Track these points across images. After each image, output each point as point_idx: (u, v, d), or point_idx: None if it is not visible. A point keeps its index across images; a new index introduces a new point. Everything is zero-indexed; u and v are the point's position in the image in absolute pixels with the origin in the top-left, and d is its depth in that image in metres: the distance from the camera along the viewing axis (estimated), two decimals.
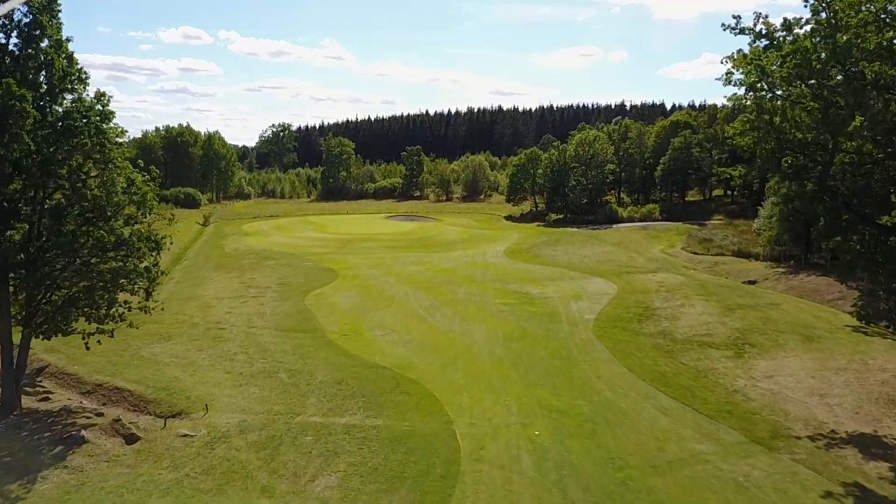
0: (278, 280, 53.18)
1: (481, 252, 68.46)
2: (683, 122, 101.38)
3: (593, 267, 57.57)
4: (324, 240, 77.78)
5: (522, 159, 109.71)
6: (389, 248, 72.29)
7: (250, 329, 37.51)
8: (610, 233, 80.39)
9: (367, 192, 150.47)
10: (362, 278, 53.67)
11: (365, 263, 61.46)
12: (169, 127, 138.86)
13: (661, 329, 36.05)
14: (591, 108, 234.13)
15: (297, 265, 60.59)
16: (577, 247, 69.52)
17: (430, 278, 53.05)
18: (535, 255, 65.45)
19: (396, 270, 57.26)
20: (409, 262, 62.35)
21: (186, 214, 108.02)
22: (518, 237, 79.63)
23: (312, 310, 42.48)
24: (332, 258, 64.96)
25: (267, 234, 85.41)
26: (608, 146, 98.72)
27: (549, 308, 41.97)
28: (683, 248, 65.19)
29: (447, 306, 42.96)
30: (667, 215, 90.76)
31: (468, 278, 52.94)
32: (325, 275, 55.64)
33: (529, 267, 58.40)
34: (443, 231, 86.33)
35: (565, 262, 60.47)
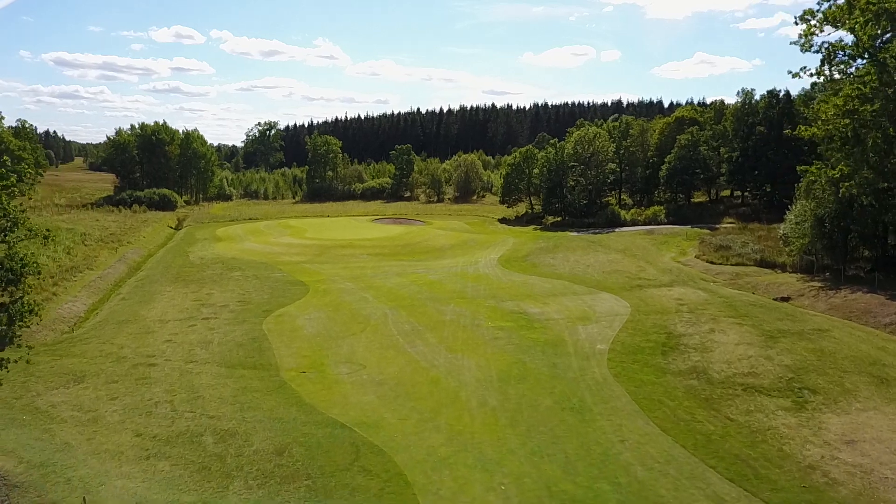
0: (239, 296, 46.24)
1: (473, 260, 61.65)
2: (689, 119, 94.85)
3: (599, 279, 50.84)
4: (300, 246, 70.80)
5: (517, 158, 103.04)
6: (372, 257, 65.39)
7: (188, 365, 30.55)
8: (613, 238, 73.71)
9: (355, 193, 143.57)
10: (336, 293, 46.79)
11: (342, 275, 54.56)
12: (144, 124, 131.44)
13: (691, 365, 29.30)
14: (586, 106, 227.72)
15: (265, 277, 53.64)
16: (578, 254, 62.82)
17: (413, 294, 46.21)
18: (532, 265, 58.69)
19: (376, 284, 50.39)
20: (391, 272, 55.49)
21: (159, 217, 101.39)
22: (513, 243, 72.88)
23: (270, 336, 35.56)
24: (306, 268, 58.01)
25: (240, 240, 78.35)
26: (609, 144, 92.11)
27: (552, 334, 35.19)
28: (698, 257, 58.54)
29: (431, 331, 36.11)
30: (673, 218, 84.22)
31: (457, 294, 46.12)
32: (293, 289, 48.74)
33: (527, 279, 51.62)
34: (432, 236, 79.51)
35: (567, 273, 53.73)
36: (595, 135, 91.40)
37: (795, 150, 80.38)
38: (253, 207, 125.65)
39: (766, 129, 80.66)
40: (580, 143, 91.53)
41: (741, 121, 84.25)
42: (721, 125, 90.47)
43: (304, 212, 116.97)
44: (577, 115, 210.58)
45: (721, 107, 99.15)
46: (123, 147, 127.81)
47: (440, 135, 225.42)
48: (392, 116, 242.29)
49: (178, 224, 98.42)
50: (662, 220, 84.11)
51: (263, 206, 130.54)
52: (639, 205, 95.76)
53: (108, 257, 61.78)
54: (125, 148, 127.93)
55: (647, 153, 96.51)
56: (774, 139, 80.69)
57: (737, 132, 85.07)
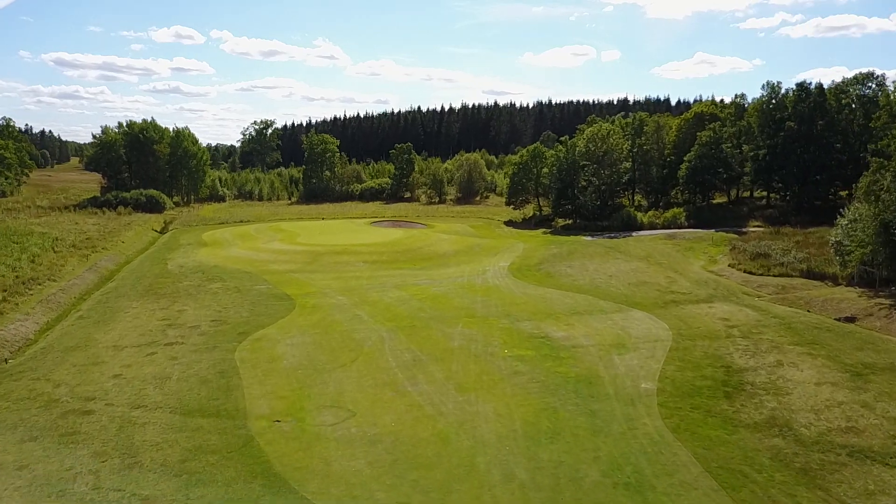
0: (214, 314, 40.12)
1: (480, 269, 55.51)
2: (709, 115, 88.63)
3: (626, 293, 44.67)
4: (290, 253, 64.63)
5: (525, 157, 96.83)
6: (368, 265, 59.23)
7: (133, 412, 24.42)
8: (631, 243, 67.57)
9: (353, 194, 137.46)
10: (325, 311, 40.64)
11: (334, 287, 48.44)
12: (132, 122, 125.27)
13: (768, 415, 23.16)
14: (591, 104, 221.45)
15: (248, 290, 47.53)
16: (596, 262, 56.67)
17: (414, 311, 40.05)
18: (547, 274, 52.54)
19: (372, 298, 44.25)
20: (390, 284, 49.36)
21: (144, 220, 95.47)
22: (523, 248, 66.71)
23: (242, 369, 29.43)
24: (295, 279, 51.90)
25: (226, 245, 72.23)
26: (623, 142, 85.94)
27: (583, 367, 29.06)
28: (732, 266, 52.36)
29: (436, 362, 29.98)
30: (694, 221, 78.03)
31: (465, 311, 39.97)
32: (278, 305, 42.62)
33: (543, 292, 45.45)
34: (434, 240, 73.35)
35: (588, 285, 47.56)
36: (609, 132, 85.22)
37: (827, 147, 74.40)
38: (246, 209, 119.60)
39: (797, 124, 74.48)
40: (592, 141, 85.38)
41: (768, 116, 78.06)
42: (744, 121, 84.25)
43: (300, 214, 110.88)
44: (582, 114, 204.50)
45: (741, 101, 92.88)
46: (110, 146, 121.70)
47: (441, 134, 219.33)
48: (392, 115, 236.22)
49: (163, 227, 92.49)
50: (683, 224, 77.96)
51: (257, 207, 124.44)
52: (654, 206, 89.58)
53: (77, 266, 55.68)
54: (112, 147, 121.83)
55: (663, 151, 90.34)
56: (804, 136, 74.55)
57: (762, 128, 78.90)
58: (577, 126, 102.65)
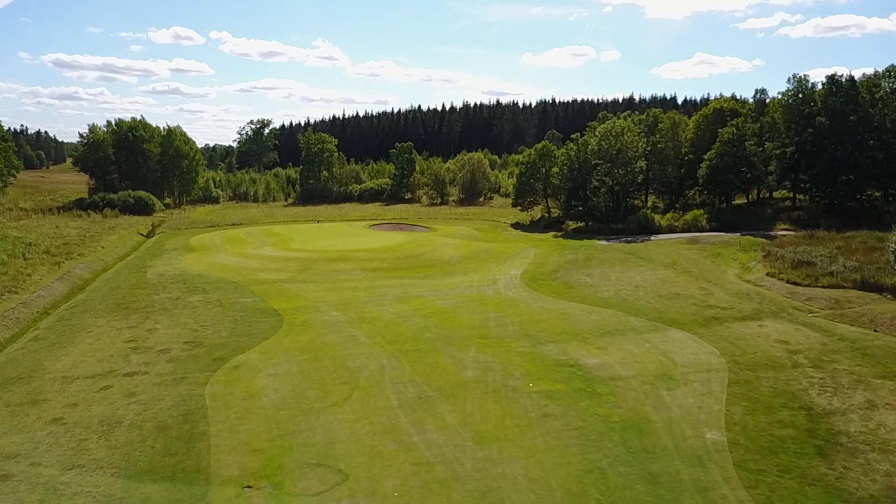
0: (189, 334, 34.88)
1: (490, 278, 50.25)
2: (730, 110, 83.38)
3: (659, 307, 39.38)
4: (282, 260, 59.34)
5: (532, 155, 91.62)
6: (367, 273, 53.97)
7: (65, 475, 19.18)
8: (652, 248, 62.32)
9: (352, 195, 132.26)
10: (317, 329, 35.38)
11: (327, 300, 43.19)
12: (120, 120, 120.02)
13: (885, 484, 17.90)
14: (596, 103, 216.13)
15: (231, 304, 42.29)
16: (618, 270, 51.44)
17: (419, 330, 34.79)
18: (565, 284, 47.25)
19: (371, 314, 38.98)
20: (390, 296, 44.11)
21: (131, 223, 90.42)
22: (535, 254, 61.42)
23: (212, 410, 24.19)
24: (285, 290, 46.67)
25: (215, 251, 67.01)
26: (639, 139, 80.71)
27: (627, 406, 23.79)
28: (771, 275, 47.08)
29: (447, 400, 24.72)
30: (716, 224, 72.82)
31: (478, 330, 34.70)
32: (263, 322, 37.36)
33: (564, 306, 40.15)
34: (438, 245, 68.06)
35: (614, 298, 42.27)
36: (623, 128, 79.95)
37: (861, 143, 69.17)
38: (240, 211, 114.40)
39: (827, 119, 69.24)
40: (606, 138, 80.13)
41: (795, 111, 72.84)
42: (767, 116, 79.00)
43: (296, 216, 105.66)
44: (587, 112, 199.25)
45: (762, 96, 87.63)
46: (97, 146, 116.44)
47: (442, 133, 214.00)
48: (392, 115, 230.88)
49: (150, 231, 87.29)
50: (704, 227, 72.72)
51: (251, 209, 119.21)
52: (670, 208, 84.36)
53: (47, 275, 50.44)
54: (99, 146, 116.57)
55: (679, 150, 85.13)
56: (836, 131, 69.34)
57: (789, 124, 73.68)
58: (588, 123, 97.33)
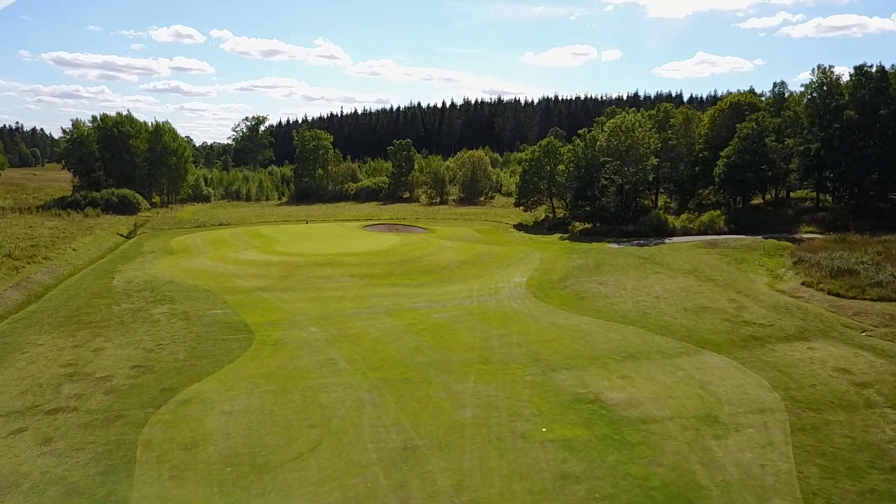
0: (141, 355, 29.81)
1: (492, 286, 45.16)
2: (748, 104, 78.21)
3: (686, 323, 34.25)
4: (264, 265, 54.23)
5: (536, 152, 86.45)
6: (356, 279, 48.91)
7: None
8: (667, 252, 57.23)
9: (348, 194, 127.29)
10: (290, 351, 30.30)
11: (309, 311, 38.13)
12: (105, 115, 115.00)
13: None
14: (600, 100, 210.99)
15: (199, 316, 37.22)
16: (633, 277, 46.34)
17: (409, 352, 29.69)
18: (576, 295, 42.12)
19: (355, 330, 33.90)
20: (379, 308, 39.02)
21: (112, 223, 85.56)
22: (541, 259, 56.31)
23: (141, 465, 19.07)
24: (262, 300, 41.60)
25: (194, 254, 61.97)
26: (651, 135, 75.57)
27: (668, 463, 18.67)
28: (808, 284, 41.95)
29: (439, 453, 19.61)
30: (735, 226, 67.71)
31: (478, 352, 29.59)
32: (230, 340, 32.29)
33: (577, 322, 35.02)
34: (435, 249, 62.90)
35: (633, 311, 37.14)
36: (635, 123, 74.82)
37: (893, 139, 64.04)
38: (230, 210, 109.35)
39: (856, 113, 64.10)
40: (615, 134, 75.02)
41: (820, 104, 67.69)
42: (788, 111, 73.80)
43: (287, 215, 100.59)
44: (591, 110, 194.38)
45: (781, 89, 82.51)
46: (81, 142, 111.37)
47: (443, 131, 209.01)
48: (391, 112, 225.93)
49: (131, 231, 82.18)
50: (721, 229, 67.57)
51: (242, 208, 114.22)
52: (683, 208, 79.29)
53: (2, 281, 45.45)
54: (83, 143, 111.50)
55: (692, 147, 80.00)
56: (865, 126, 64.22)
57: (813, 119, 68.53)
58: (594, 118, 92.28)
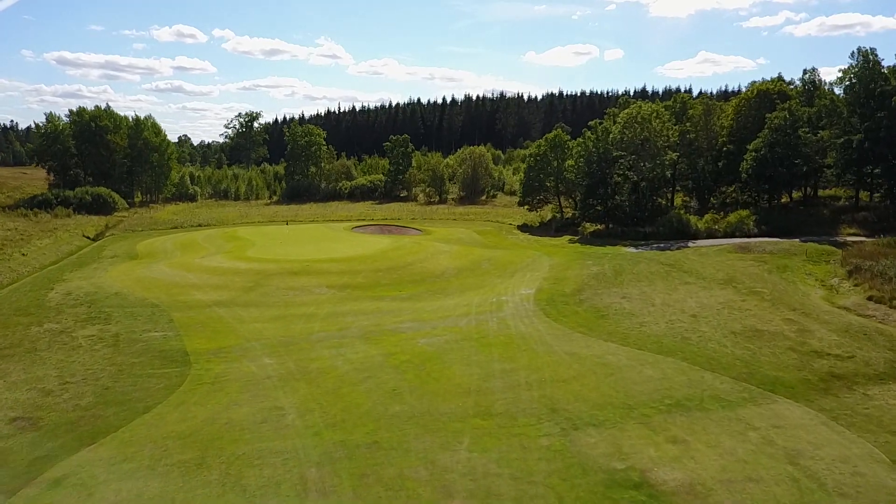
0: (32, 400, 22.69)
1: (494, 299, 37.92)
2: (777, 93, 70.81)
3: (739, 352, 26.94)
4: (230, 273, 46.99)
5: (543, 147, 79.18)
6: (334, 291, 41.71)
7: None
8: (694, 258, 49.95)
9: (342, 193, 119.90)
10: (228, 394, 23.09)
11: (267, 335, 30.95)
12: (82, 108, 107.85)
13: None
14: (606, 96, 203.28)
15: (131, 341, 30.07)
16: (660, 289, 39.10)
17: (383, 398, 22.44)
18: (596, 312, 34.82)
19: (318, 363, 26.67)
20: (355, 330, 31.82)
21: (82, 223, 78.95)
22: (550, 265, 49.04)
23: None
24: (216, 318, 34.43)
25: (157, 259, 54.90)
26: (668, 126, 68.28)
27: None
28: (876, 299, 34.62)
29: None
30: (766, 228, 60.41)
31: (475, 398, 22.33)
32: (157, 377, 25.13)
33: (602, 350, 27.72)
34: (429, 254, 55.62)
35: (669, 335, 29.83)
36: (652, 114, 67.50)
37: None
38: (214, 210, 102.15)
39: None
40: (630, 126, 67.74)
41: (862, 91, 60.26)
42: (824, 99, 66.37)
43: (274, 215, 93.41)
44: (596, 106, 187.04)
45: (812, 76, 75.11)
46: (55, 137, 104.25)
47: (443, 128, 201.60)
48: (389, 108, 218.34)
49: (100, 232, 75.14)
50: (751, 231, 60.26)
51: (228, 208, 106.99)
52: (703, 207, 72.00)
53: None
54: (58, 138, 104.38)
55: (713, 140, 72.67)
56: None
57: (853, 107, 61.12)
58: (605, 110, 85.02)
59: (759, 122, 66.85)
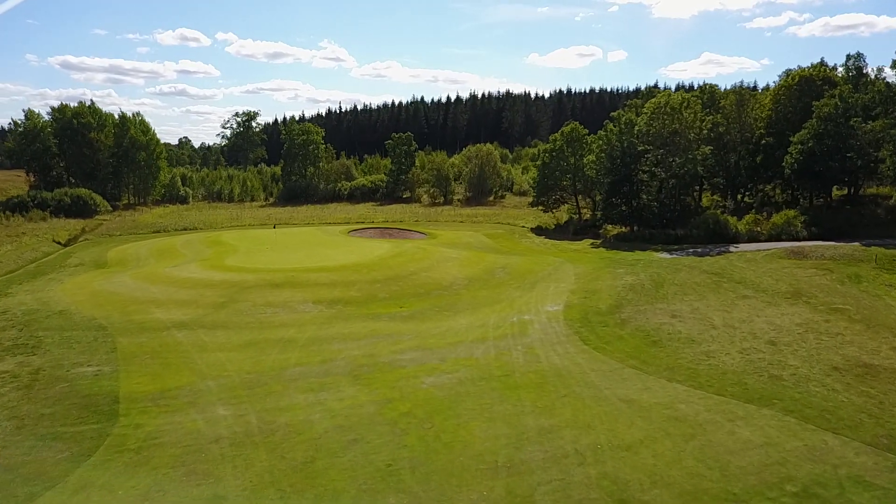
0: None
1: (516, 319, 30.93)
2: (823, 79, 63.66)
3: (862, 403, 19.85)
4: (201, 285, 40.01)
5: (558, 141, 72.20)
6: (321, 307, 34.80)
7: None
8: (741, 265, 42.94)
9: (341, 194, 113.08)
10: (149, 473, 16.10)
11: (228, 370, 24.02)
12: (64, 105, 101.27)
13: None
14: (617, 92, 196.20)
15: (53, 379, 23.21)
16: (714, 304, 32.14)
17: (374, 475, 15.44)
18: (645, 336, 27.76)
19: (288, 413, 19.72)
20: (340, 363, 24.87)
21: (55, 228, 72.60)
22: (575, 275, 42.04)
23: None
24: (171, 344, 27.53)
25: (130, 266, 48.24)
26: (701, 116, 61.24)
27: None
28: None
29: None
30: (816, 230, 53.40)
31: (505, 482, 15.28)
32: (64, 439, 18.23)
33: (669, 397, 20.70)
34: (435, 260, 48.64)
35: (752, 373, 22.78)
36: (683, 103, 60.46)
37: None
38: (204, 213, 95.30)
39: None
40: (657, 117, 60.75)
41: None
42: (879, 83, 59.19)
43: (266, 218, 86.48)
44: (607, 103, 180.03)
45: (856, 61, 67.98)
46: (35, 135, 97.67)
47: (447, 127, 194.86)
48: (392, 107, 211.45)
49: (73, 237, 68.48)
50: (800, 233, 53.28)
51: (220, 210, 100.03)
52: (738, 207, 64.97)
53: None
54: (38, 136, 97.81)
55: (747, 133, 65.56)
56: None
57: None
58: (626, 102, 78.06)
59: (803, 113, 59.87)
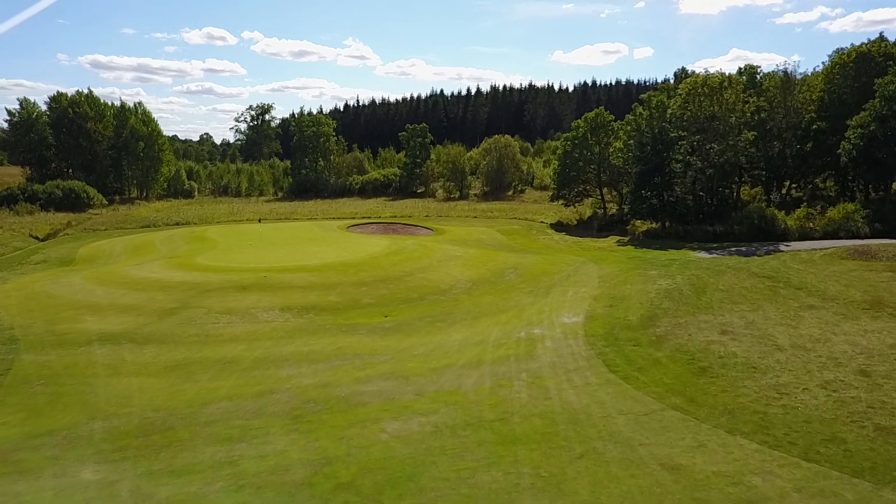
0: None
1: (523, 336, 24.50)
2: (883, 55, 55.92)
3: None
4: (157, 286, 34.06)
5: (582, 128, 65.38)
6: (290, 315, 28.66)
7: None
8: (798, 266, 35.96)
9: (353, 188, 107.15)
10: None
11: (132, 404, 17.91)
12: (60, 93, 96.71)
13: None
14: (644, 84, 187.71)
15: None
16: (774, 316, 25.43)
17: None
18: (687, 360, 21.18)
19: (182, 481, 13.43)
20: (281, 398, 18.62)
21: (38, 222, 68.03)
22: (599, 277, 35.45)
23: None
24: (80, 364, 21.59)
25: (97, 264, 42.90)
26: (746, 98, 54.05)
27: None
28: None
29: None
30: (880, 226, 46.13)
31: None
32: None
33: (728, 463, 14.18)
34: (436, 258, 42.26)
35: (841, 420, 16.11)
36: (722, 82, 53.32)
37: None
38: (206, 207, 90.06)
39: None
40: (693, 99, 53.72)
41: None
42: None
43: (268, 214, 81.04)
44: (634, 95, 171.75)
45: None
46: (29, 125, 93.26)
47: (467, 120, 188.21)
48: (410, 101, 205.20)
49: (53, 232, 63.61)
50: (860, 230, 46.01)
51: (223, 205, 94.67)
52: (784, 200, 57.64)
53: None
54: (33, 126, 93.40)
55: (793, 118, 58.08)
56: None
57: None
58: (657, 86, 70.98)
59: (861, 94, 52.50)
